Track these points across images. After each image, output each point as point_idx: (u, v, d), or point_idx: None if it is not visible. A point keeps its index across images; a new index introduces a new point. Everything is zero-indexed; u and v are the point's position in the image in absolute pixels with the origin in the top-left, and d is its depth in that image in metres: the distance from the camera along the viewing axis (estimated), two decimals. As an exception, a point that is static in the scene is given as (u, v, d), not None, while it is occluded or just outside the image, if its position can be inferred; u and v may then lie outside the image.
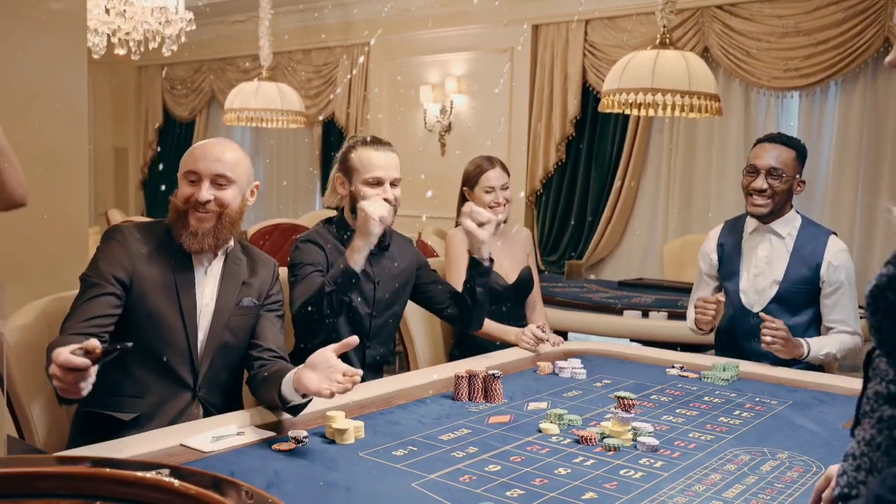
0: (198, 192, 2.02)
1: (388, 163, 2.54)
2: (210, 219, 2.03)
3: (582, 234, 6.68)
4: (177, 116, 9.51)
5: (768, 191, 2.81)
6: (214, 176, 2.04)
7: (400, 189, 2.58)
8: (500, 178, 3.11)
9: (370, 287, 2.58)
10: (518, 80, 6.83)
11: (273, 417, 1.97)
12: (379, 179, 2.51)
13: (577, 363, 2.60)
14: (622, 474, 1.68)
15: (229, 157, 2.07)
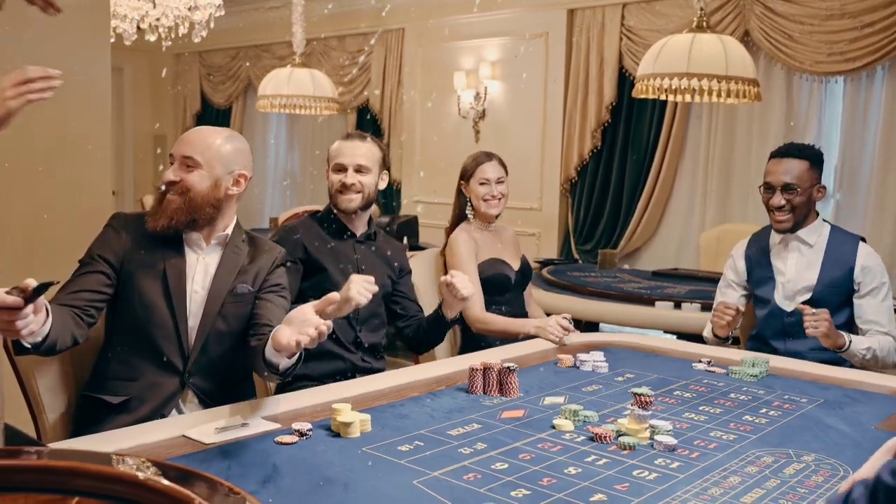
0: (171, 174, 2.04)
1: (353, 151, 2.63)
2: (175, 200, 2.02)
3: (617, 223, 6.55)
4: (214, 103, 9.56)
5: (787, 206, 2.78)
6: (182, 157, 2.04)
7: (373, 178, 2.65)
8: (496, 172, 3.10)
9: (352, 269, 2.59)
10: (553, 66, 6.71)
11: (280, 409, 1.93)
12: (341, 166, 2.63)
13: (600, 356, 2.52)
14: (635, 475, 1.60)
15: (202, 140, 2.06)
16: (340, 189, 2.62)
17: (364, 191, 2.63)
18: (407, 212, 7.41)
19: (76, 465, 1.11)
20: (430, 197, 7.39)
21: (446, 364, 2.45)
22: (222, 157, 2.07)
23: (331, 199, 2.68)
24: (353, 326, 2.59)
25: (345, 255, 2.65)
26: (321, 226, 2.67)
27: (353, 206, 2.62)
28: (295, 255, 2.55)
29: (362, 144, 2.65)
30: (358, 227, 2.70)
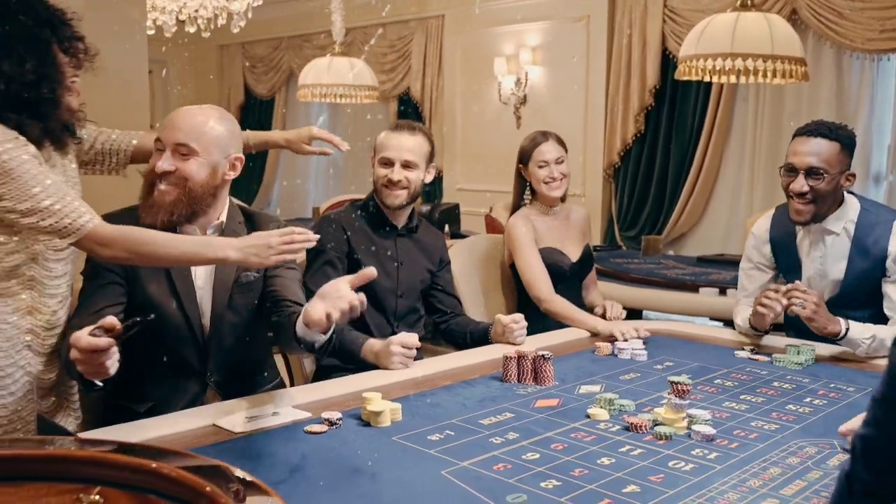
0: (160, 163, 1.89)
1: (401, 144, 2.54)
2: (171, 192, 1.89)
3: (661, 209, 6.44)
4: (257, 94, 9.62)
5: (809, 194, 2.45)
6: (175, 145, 1.89)
7: (419, 173, 2.56)
8: (555, 152, 2.94)
9: (393, 266, 2.57)
10: (595, 49, 6.61)
11: (310, 398, 1.92)
12: (388, 160, 2.54)
13: (638, 344, 2.47)
14: (671, 466, 1.55)
15: (195, 125, 1.90)
16: (386, 184, 2.53)
17: (410, 187, 2.54)
18: (448, 199, 7.38)
19: (96, 454, 1.11)
20: (471, 184, 7.36)
21: (480, 352, 2.41)
22: (219, 142, 1.93)
23: (375, 192, 2.59)
24: (390, 323, 2.54)
25: (385, 250, 2.57)
26: (363, 217, 2.59)
27: (398, 202, 2.54)
28: (339, 247, 2.50)
29: (411, 138, 2.55)
30: (400, 220, 2.62)
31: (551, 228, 2.99)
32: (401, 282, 2.58)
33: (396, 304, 2.57)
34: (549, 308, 2.81)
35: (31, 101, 1.76)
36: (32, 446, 1.17)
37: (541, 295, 2.83)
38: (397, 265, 2.58)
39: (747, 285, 2.76)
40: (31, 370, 1.80)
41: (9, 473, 1.13)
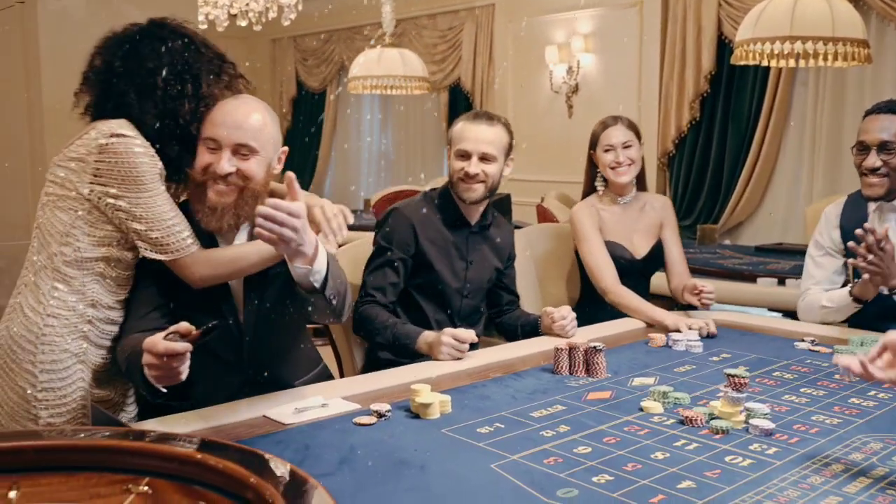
0: (217, 161, 1.83)
1: (479, 136, 2.42)
2: (231, 192, 1.84)
3: (718, 198, 6.30)
4: (309, 87, 9.68)
5: (882, 168, 2.47)
6: (237, 146, 1.83)
7: (498, 167, 2.45)
8: (622, 136, 2.82)
9: (462, 265, 2.50)
10: (648, 36, 6.49)
11: (359, 389, 1.91)
12: (464, 152, 2.43)
13: (693, 335, 2.41)
14: (727, 461, 1.51)
15: (253, 123, 1.85)
16: (462, 178, 2.43)
17: (488, 181, 2.43)
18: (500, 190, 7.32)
19: (144, 445, 1.12)
20: (522, 174, 7.26)
21: (531, 344, 2.38)
22: (273, 138, 1.91)
23: (451, 185, 2.49)
24: (453, 322, 2.48)
25: (455, 248, 2.49)
26: (435, 211, 2.49)
27: (474, 196, 2.45)
28: (406, 247, 2.41)
29: (489, 129, 2.43)
30: (474, 216, 2.53)
31: (619, 220, 2.89)
32: (468, 281, 2.51)
33: (461, 304, 2.51)
34: (613, 300, 2.74)
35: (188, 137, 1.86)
36: (83, 436, 1.18)
37: (605, 285, 2.76)
38: (466, 265, 2.51)
39: (815, 273, 2.69)
40: (86, 360, 1.83)
41: (60, 463, 1.15)
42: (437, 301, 2.48)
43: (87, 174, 1.77)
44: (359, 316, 2.37)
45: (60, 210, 1.79)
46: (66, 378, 1.80)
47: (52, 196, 1.81)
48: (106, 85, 1.86)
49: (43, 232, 1.81)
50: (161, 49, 1.86)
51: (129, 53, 1.86)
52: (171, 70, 1.85)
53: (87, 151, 1.77)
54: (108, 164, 1.76)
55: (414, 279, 2.46)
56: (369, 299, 2.38)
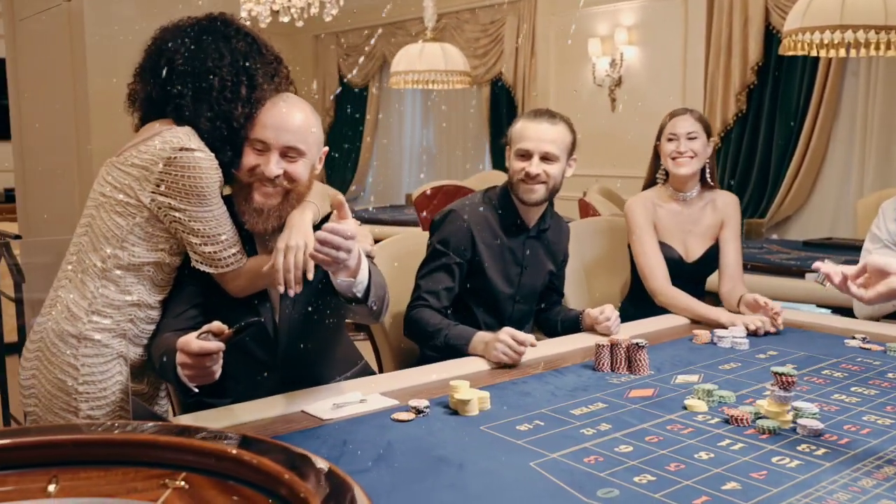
0: (265, 164, 1.81)
1: (541, 135, 2.33)
2: (277, 194, 1.83)
3: (765, 191, 6.18)
4: (351, 83, 9.72)
5: None
6: (285, 148, 1.82)
7: (560, 167, 2.35)
8: (688, 126, 2.72)
9: (516, 270, 2.43)
10: (693, 27, 6.38)
11: (398, 385, 1.90)
12: (525, 151, 2.34)
13: (739, 332, 2.35)
14: (774, 462, 1.46)
15: (301, 126, 1.84)
16: (523, 178, 2.33)
17: (549, 182, 2.33)
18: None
19: (181, 440, 1.11)
20: (565, 169, 7.23)
21: (571, 340, 2.35)
22: (318, 139, 1.89)
23: (510, 186, 2.40)
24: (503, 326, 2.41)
25: (510, 253, 2.41)
26: (493, 211, 2.41)
27: (535, 198, 2.35)
28: (462, 251, 2.33)
29: (551, 128, 2.33)
30: (532, 219, 2.44)
31: (675, 219, 2.79)
32: (521, 287, 2.45)
33: (513, 309, 2.45)
34: (663, 301, 2.68)
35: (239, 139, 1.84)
36: (122, 430, 1.19)
37: (655, 286, 2.69)
38: (521, 270, 2.44)
39: None
40: (126, 356, 1.84)
41: (99, 457, 1.15)
42: (488, 306, 2.42)
43: (150, 183, 1.75)
44: (410, 319, 2.30)
45: (118, 215, 1.77)
46: (107, 372, 1.81)
47: (111, 199, 1.78)
48: (165, 83, 1.81)
49: (96, 232, 1.79)
50: (225, 49, 1.83)
51: (193, 52, 1.81)
52: (233, 72, 1.82)
53: (152, 160, 1.74)
54: (172, 177, 1.74)
55: (466, 283, 2.40)
56: (422, 303, 2.31)
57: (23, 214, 3.46)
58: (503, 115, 8.04)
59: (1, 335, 3.64)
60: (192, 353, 1.51)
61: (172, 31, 1.86)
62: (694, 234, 2.80)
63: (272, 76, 1.90)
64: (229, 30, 1.87)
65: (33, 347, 1.83)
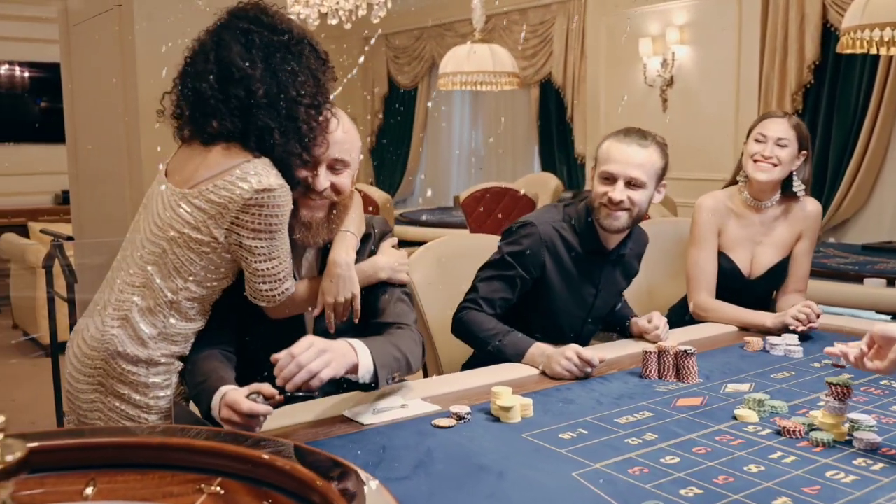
0: (314, 178, 1.79)
1: (628, 158, 2.17)
2: (323, 207, 1.82)
3: (822, 194, 6.01)
4: (400, 84, 9.74)
5: None
6: (333, 160, 1.80)
7: (647, 194, 2.21)
8: (780, 131, 2.54)
9: (591, 293, 2.33)
10: (747, 25, 6.25)
11: (439, 391, 1.88)
12: (610, 175, 2.20)
13: (793, 339, 2.28)
14: (828, 476, 1.41)
15: (347, 138, 1.83)
16: (605, 203, 2.20)
17: (634, 209, 2.19)
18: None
19: (216, 445, 1.11)
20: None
21: (618, 346, 2.30)
22: (360, 149, 1.89)
23: (592, 209, 2.26)
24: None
25: (585, 275, 2.30)
26: (573, 233, 2.29)
27: (616, 225, 2.21)
28: (532, 269, 2.24)
29: (640, 151, 2.18)
30: (612, 243, 2.30)
31: (745, 228, 2.65)
32: (594, 310, 2.36)
33: (582, 329, 2.38)
34: (702, 317, 2.60)
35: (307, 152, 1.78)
36: (159, 434, 1.19)
37: (696, 300, 2.60)
38: (595, 292, 2.34)
39: None
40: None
41: (136, 460, 1.15)
42: (553, 324, 2.32)
43: (226, 221, 1.69)
44: (461, 320, 2.24)
45: (193, 252, 1.72)
46: (172, 385, 1.81)
47: (185, 236, 1.71)
48: (251, 116, 1.70)
49: (168, 266, 1.73)
50: (303, 71, 1.74)
51: (283, 80, 1.71)
52: (314, 93, 1.75)
53: (231, 199, 1.66)
54: (249, 215, 1.68)
55: (531, 298, 2.31)
56: (476, 307, 2.24)
57: (76, 216, 3.52)
58: (552, 116, 7.98)
59: (55, 334, 3.72)
60: (241, 413, 1.50)
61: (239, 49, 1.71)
62: (764, 245, 2.66)
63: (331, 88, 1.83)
64: (303, 47, 1.76)
65: (92, 363, 1.76)
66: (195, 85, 1.74)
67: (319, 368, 1.54)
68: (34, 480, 1.08)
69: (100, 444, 1.17)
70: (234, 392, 1.55)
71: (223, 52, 1.71)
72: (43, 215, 8.08)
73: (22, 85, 8.63)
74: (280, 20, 1.77)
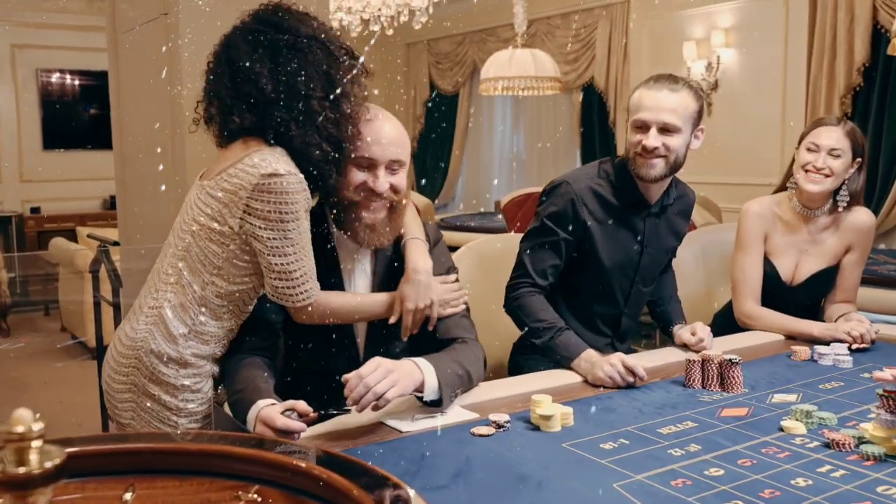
0: (373, 180, 1.83)
1: (660, 103, 2.11)
2: (384, 208, 1.86)
3: (871, 199, 5.88)
4: (442, 90, 9.75)
5: None
6: (391, 161, 1.84)
7: (682, 139, 2.14)
8: (833, 140, 2.43)
9: (636, 250, 2.27)
10: (794, 27, 6.13)
11: (479, 398, 1.86)
12: (642, 122, 2.13)
13: (842, 348, 2.22)
14: (879, 491, 1.36)
15: (401, 138, 1.87)
16: (640, 152, 2.14)
17: (670, 155, 2.13)
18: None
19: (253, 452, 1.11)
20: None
21: (660, 354, 2.26)
22: (409, 147, 1.93)
23: (628, 160, 2.21)
24: (619, 309, 2.32)
25: (628, 230, 2.25)
26: (610, 187, 2.23)
27: (653, 174, 2.15)
28: (572, 227, 2.19)
29: (672, 95, 2.11)
30: (654, 195, 2.24)
31: (792, 235, 2.58)
32: (641, 268, 2.30)
33: (630, 291, 2.32)
34: (747, 325, 2.54)
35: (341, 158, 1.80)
36: (198, 441, 1.19)
37: (742, 307, 2.54)
38: (640, 249, 2.27)
39: None
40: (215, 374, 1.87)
41: (175, 466, 1.15)
42: (598, 286, 2.29)
43: (238, 209, 1.72)
44: (516, 300, 2.19)
45: (214, 243, 1.75)
46: (202, 389, 1.83)
47: (205, 228, 1.75)
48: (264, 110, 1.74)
49: (194, 260, 1.77)
50: (322, 68, 1.76)
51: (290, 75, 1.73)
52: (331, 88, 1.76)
53: (241, 186, 1.70)
54: (259, 202, 1.70)
55: (577, 261, 2.26)
56: (529, 284, 2.19)
57: (122, 221, 3.57)
58: (594, 120, 7.92)
59: (100, 338, 3.78)
60: (275, 428, 1.51)
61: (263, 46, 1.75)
62: (810, 254, 2.58)
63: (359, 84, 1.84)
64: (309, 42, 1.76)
65: (127, 363, 1.81)
66: (215, 88, 1.81)
67: (385, 389, 1.58)
68: (75, 485, 1.08)
69: (140, 449, 1.17)
70: (269, 408, 1.56)
71: (233, 52, 1.77)
72: (91, 220, 8.24)
73: (72, 92, 8.83)
74: (288, 19, 1.78)
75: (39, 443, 0.80)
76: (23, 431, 0.78)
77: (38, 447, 0.80)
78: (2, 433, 0.78)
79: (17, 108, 8.49)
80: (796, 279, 2.60)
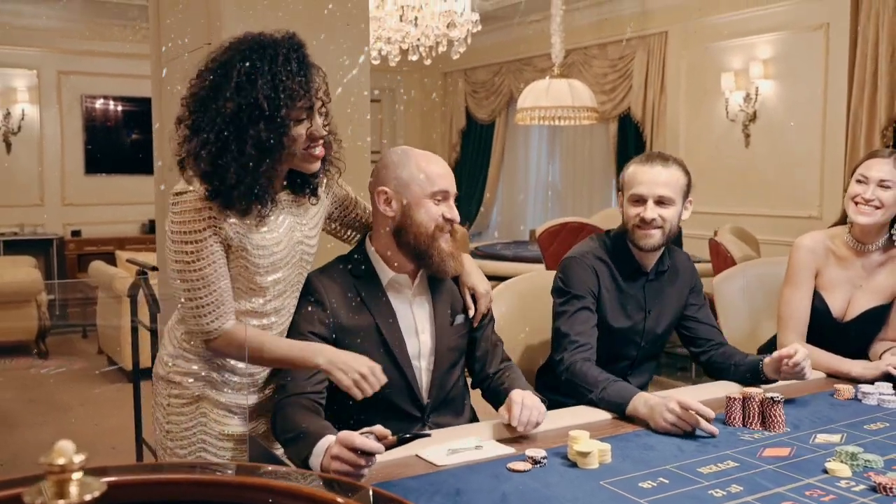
0: (449, 210, 1.96)
1: (654, 178, 2.24)
2: (453, 238, 2.00)
3: (915, 232, 5.77)
4: (478, 119, 9.79)
5: None
6: (446, 194, 1.97)
7: (675, 210, 2.26)
8: (884, 172, 2.39)
9: (640, 316, 2.35)
10: (835, 59, 6.07)
11: (515, 432, 1.84)
12: (639, 197, 2.26)
13: (887, 387, 2.17)
14: (930, 540, 1.32)
15: (448, 171, 2.00)
16: (638, 224, 2.26)
17: (665, 226, 2.25)
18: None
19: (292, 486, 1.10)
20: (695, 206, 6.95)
21: (700, 391, 2.23)
22: None
23: (627, 232, 2.32)
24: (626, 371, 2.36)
25: (632, 297, 2.35)
26: (610, 259, 2.34)
27: (652, 243, 2.26)
28: (592, 292, 2.28)
29: (664, 171, 2.25)
30: (649, 263, 2.35)
31: (845, 270, 2.52)
32: (646, 332, 2.36)
33: (637, 354, 2.38)
34: None
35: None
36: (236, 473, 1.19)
37: (785, 342, 2.45)
38: (645, 315, 2.35)
39: None
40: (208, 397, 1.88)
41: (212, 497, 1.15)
42: (611, 350, 2.31)
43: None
44: (572, 370, 2.16)
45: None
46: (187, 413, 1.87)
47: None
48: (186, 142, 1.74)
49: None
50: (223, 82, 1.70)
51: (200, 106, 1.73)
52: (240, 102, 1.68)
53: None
54: (168, 222, 1.75)
55: None
56: (580, 351, 2.19)
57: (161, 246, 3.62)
58: (631, 151, 7.87)
59: (137, 363, 3.82)
60: (353, 447, 1.48)
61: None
62: (864, 290, 2.51)
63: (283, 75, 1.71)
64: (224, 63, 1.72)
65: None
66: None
67: (543, 413, 1.84)
68: (112, 515, 1.09)
69: (177, 480, 1.17)
70: (347, 431, 1.53)
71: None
72: (130, 244, 8.36)
73: (115, 118, 9.00)
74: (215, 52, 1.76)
75: (80, 475, 0.80)
76: (64, 463, 0.78)
77: (77, 479, 0.80)
78: (43, 465, 0.78)
79: (61, 133, 8.67)
80: (848, 315, 2.53)
